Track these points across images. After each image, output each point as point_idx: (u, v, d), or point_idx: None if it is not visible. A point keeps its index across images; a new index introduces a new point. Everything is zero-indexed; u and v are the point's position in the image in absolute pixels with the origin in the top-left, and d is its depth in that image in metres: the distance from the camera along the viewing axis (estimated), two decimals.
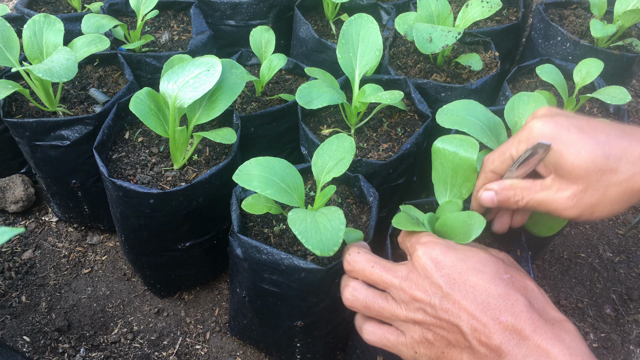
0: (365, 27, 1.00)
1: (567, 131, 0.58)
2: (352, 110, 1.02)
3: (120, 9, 1.38)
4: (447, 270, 0.55)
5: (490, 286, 0.53)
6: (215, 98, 0.90)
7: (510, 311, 0.51)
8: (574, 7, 1.52)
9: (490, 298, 0.52)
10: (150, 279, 1.12)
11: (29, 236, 1.28)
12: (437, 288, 0.54)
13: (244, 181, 0.74)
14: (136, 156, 0.99)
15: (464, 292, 0.53)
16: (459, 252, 0.56)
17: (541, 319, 0.50)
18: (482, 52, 1.30)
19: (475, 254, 0.56)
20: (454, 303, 0.53)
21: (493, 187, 0.65)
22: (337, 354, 1.05)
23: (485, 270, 0.54)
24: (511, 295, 0.52)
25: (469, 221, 0.63)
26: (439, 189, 0.73)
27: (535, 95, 0.89)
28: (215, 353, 1.09)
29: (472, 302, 0.52)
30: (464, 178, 0.70)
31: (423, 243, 0.58)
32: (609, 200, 0.57)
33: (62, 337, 1.09)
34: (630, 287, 1.28)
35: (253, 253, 0.81)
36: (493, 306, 0.51)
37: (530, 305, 0.51)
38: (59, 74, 0.88)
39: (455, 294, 0.53)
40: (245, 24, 1.47)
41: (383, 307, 0.59)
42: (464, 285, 0.53)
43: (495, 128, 0.82)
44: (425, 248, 0.57)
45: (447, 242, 0.58)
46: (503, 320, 0.50)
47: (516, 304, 0.51)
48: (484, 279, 0.53)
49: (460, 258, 0.55)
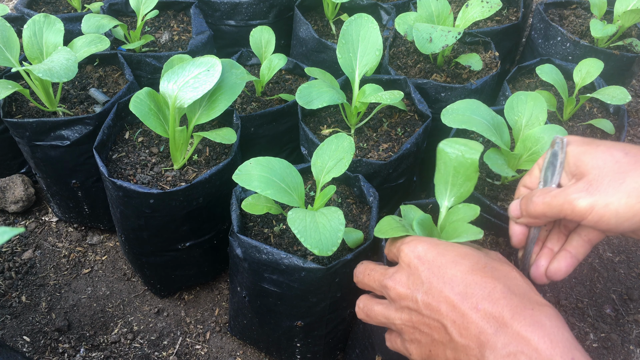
0: (365, 27, 1.00)
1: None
2: (352, 110, 1.02)
3: (120, 9, 1.38)
4: (428, 265, 0.55)
5: (467, 276, 0.53)
6: (215, 98, 0.90)
7: (488, 298, 0.50)
8: (574, 7, 1.52)
9: (467, 287, 0.52)
10: (150, 279, 1.12)
11: (29, 236, 1.28)
12: (419, 283, 0.55)
13: (244, 181, 0.74)
14: (136, 156, 0.99)
15: (442, 283, 0.53)
16: (440, 247, 0.57)
17: (521, 304, 0.49)
18: (482, 52, 1.30)
19: (456, 248, 0.57)
20: (434, 296, 0.53)
21: (519, 199, 0.65)
22: (337, 354, 1.05)
23: (464, 262, 0.54)
24: (489, 283, 0.51)
25: (470, 228, 0.65)
26: (440, 190, 0.73)
27: (533, 95, 0.89)
28: (215, 353, 1.09)
29: (450, 292, 0.52)
30: (466, 177, 0.70)
31: (407, 242, 0.59)
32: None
33: (62, 337, 1.09)
34: (630, 287, 1.28)
35: (253, 253, 0.81)
36: (470, 294, 0.51)
37: (510, 291, 0.51)
38: (59, 74, 0.88)
39: (436, 286, 0.53)
40: (245, 24, 1.47)
41: (377, 312, 0.60)
42: (443, 277, 0.53)
43: (499, 126, 0.83)
44: (409, 246, 0.58)
45: (431, 239, 0.59)
46: (481, 307, 0.50)
47: (494, 291, 0.51)
48: (462, 270, 0.53)
49: (441, 252, 0.56)
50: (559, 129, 0.84)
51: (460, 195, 0.71)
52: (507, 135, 0.85)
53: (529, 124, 0.88)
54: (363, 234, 0.84)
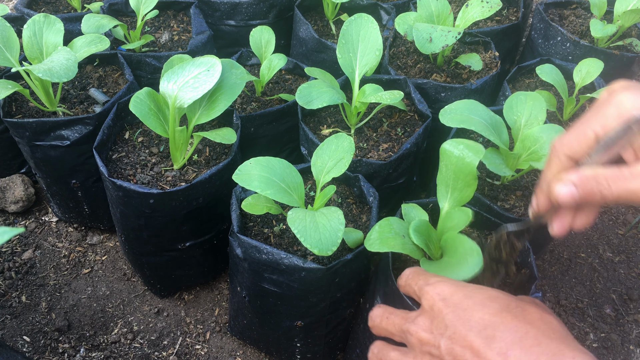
0: (365, 27, 1.00)
1: None
2: (352, 110, 1.02)
3: (120, 9, 1.38)
4: (454, 307, 0.50)
5: (496, 319, 0.47)
6: (215, 98, 0.90)
7: (520, 344, 0.45)
8: (574, 7, 1.52)
9: (495, 331, 0.46)
10: (150, 279, 1.12)
11: (29, 236, 1.28)
12: (443, 327, 0.50)
13: (244, 181, 0.74)
14: (136, 156, 0.99)
15: (468, 328, 0.48)
16: (467, 289, 0.52)
17: (558, 351, 0.44)
18: (482, 52, 1.30)
19: (485, 291, 0.52)
20: (458, 342, 0.48)
21: (572, 178, 0.52)
22: (337, 354, 1.05)
23: (493, 305, 0.49)
24: (520, 327, 0.46)
25: (468, 258, 0.62)
26: (442, 191, 0.73)
27: (532, 95, 0.90)
28: (215, 353, 1.09)
29: (476, 337, 0.47)
30: (465, 183, 0.70)
31: (431, 283, 0.55)
32: None
33: (62, 337, 1.09)
34: (630, 287, 1.28)
35: (253, 253, 0.81)
36: (499, 339, 0.46)
37: (545, 336, 0.46)
38: (59, 74, 0.88)
39: (461, 330, 0.48)
40: (245, 24, 1.47)
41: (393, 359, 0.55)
42: (469, 321, 0.48)
43: (497, 126, 0.84)
44: (434, 287, 0.54)
45: (456, 281, 0.55)
46: (511, 355, 0.45)
47: (526, 336, 0.45)
48: (490, 313, 0.48)
49: (468, 295, 0.51)
50: (558, 128, 0.84)
51: (460, 199, 0.71)
52: (505, 135, 0.85)
53: (528, 123, 0.89)
54: (363, 234, 0.84)
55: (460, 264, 0.62)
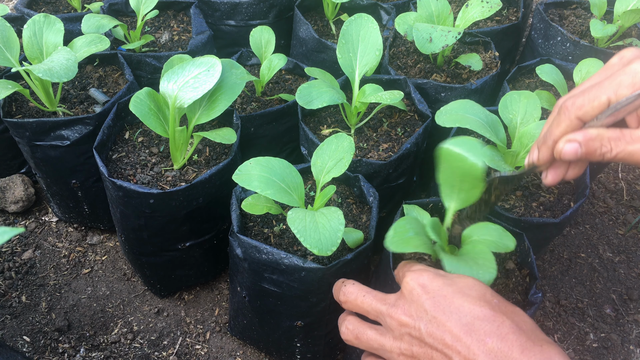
0: (365, 27, 1.00)
1: None
2: (352, 110, 1.02)
3: (120, 9, 1.38)
4: (433, 294, 0.54)
5: (475, 308, 0.51)
6: (215, 98, 0.90)
7: (496, 333, 0.49)
8: (574, 7, 1.52)
9: (475, 320, 0.50)
10: (150, 279, 1.12)
11: (29, 236, 1.28)
12: (422, 311, 0.53)
13: (244, 181, 0.74)
14: (136, 156, 0.99)
15: (448, 314, 0.51)
16: (446, 278, 0.55)
17: (529, 341, 0.48)
18: (482, 52, 1.30)
19: (463, 279, 0.55)
20: (438, 326, 0.51)
21: (577, 137, 0.56)
22: (337, 354, 1.05)
23: (471, 293, 0.53)
24: (497, 317, 0.50)
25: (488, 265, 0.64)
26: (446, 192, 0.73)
27: (526, 93, 0.91)
28: (215, 353, 1.09)
29: (456, 324, 0.50)
30: (472, 185, 0.70)
31: (413, 270, 0.58)
32: None
33: (62, 337, 1.09)
34: (630, 287, 1.28)
35: (253, 253, 0.81)
36: (478, 328, 0.49)
37: (518, 328, 0.49)
38: (59, 74, 0.88)
39: (440, 316, 0.51)
40: (245, 24, 1.47)
41: (370, 338, 0.58)
42: (449, 307, 0.52)
43: (493, 124, 0.84)
44: (414, 274, 0.57)
45: (436, 270, 0.58)
46: (489, 342, 0.48)
47: (502, 326, 0.49)
48: (469, 301, 0.52)
49: (447, 283, 0.54)
50: None
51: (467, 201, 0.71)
52: (502, 133, 0.86)
53: (523, 121, 0.89)
54: (363, 234, 0.84)
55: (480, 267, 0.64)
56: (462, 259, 0.66)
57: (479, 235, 0.72)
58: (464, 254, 0.68)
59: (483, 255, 0.65)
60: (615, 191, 1.52)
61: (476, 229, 0.73)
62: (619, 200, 1.50)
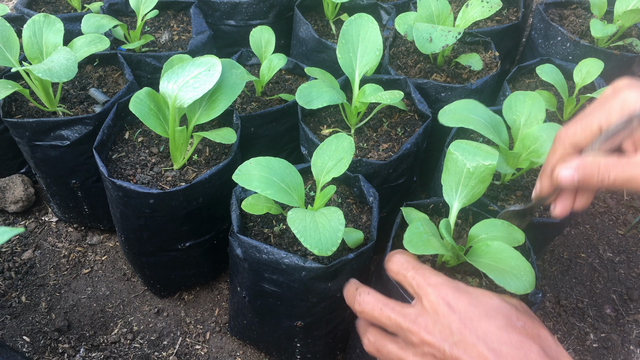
0: (365, 27, 1.00)
1: None
2: (352, 110, 1.02)
3: (120, 9, 1.38)
4: (459, 315, 0.52)
5: (502, 333, 0.50)
6: (215, 98, 0.90)
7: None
8: (574, 7, 1.52)
9: (502, 346, 0.50)
10: (150, 279, 1.12)
11: (29, 236, 1.28)
12: (448, 333, 0.52)
13: (244, 181, 0.74)
14: (136, 156, 0.99)
15: (475, 337, 0.50)
16: (471, 297, 0.54)
17: None
18: (482, 52, 1.30)
19: (488, 300, 0.54)
20: (465, 350, 0.51)
21: (571, 164, 0.57)
22: (337, 354, 1.05)
23: (498, 317, 0.52)
24: (525, 344, 0.50)
25: (522, 275, 0.64)
26: (448, 190, 0.73)
27: (532, 94, 0.90)
28: (215, 353, 1.09)
29: (483, 348, 0.50)
30: (480, 179, 0.70)
31: (433, 285, 0.56)
32: None
33: (62, 337, 1.09)
34: (630, 287, 1.28)
35: (253, 253, 0.81)
36: (506, 354, 0.49)
37: (545, 354, 0.49)
38: (59, 74, 0.88)
39: (468, 340, 0.51)
40: (245, 24, 1.47)
41: (391, 351, 0.57)
42: (476, 331, 0.51)
43: (496, 125, 0.84)
44: (437, 290, 0.55)
45: (457, 283, 0.56)
46: None
47: (530, 352, 0.49)
48: (497, 326, 0.51)
49: (473, 303, 0.54)
50: (558, 127, 0.85)
51: (472, 197, 0.71)
52: (505, 134, 0.85)
53: (527, 123, 0.89)
54: (363, 234, 0.84)
55: (513, 276, 0.64)
56: (494, 268, 0.65)
57: (488, 233, 0.72)
58: (480, 255, 0.68)
59: (509, 261, 0.65)
60: (616, 191, 1.52)
61: (482, 227, 0.73)
62: (619, 200, 1.50)
